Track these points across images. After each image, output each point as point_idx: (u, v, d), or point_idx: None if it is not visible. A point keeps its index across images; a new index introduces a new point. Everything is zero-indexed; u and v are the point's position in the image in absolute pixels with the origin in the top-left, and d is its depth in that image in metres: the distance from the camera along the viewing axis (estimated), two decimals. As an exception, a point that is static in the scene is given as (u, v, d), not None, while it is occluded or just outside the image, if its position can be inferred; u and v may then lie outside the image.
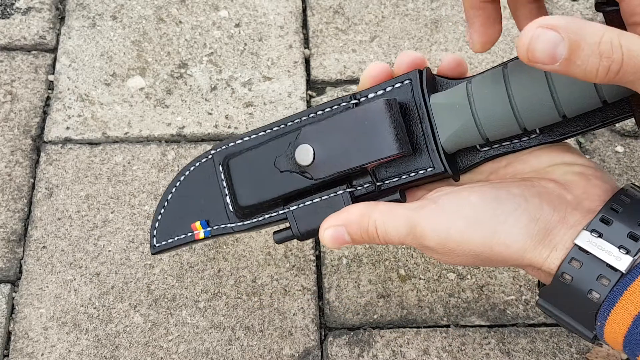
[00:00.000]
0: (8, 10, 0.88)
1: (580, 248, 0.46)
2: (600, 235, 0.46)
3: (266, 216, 0.56)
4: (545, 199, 0.48)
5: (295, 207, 0.54)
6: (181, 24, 0.88)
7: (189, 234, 0.58)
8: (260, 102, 0.82)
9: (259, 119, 0.81)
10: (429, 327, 0.70)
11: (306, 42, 0.88)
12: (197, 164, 0.59)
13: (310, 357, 0.68)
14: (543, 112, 0.48)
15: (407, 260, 0.74)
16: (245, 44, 0.87)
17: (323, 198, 0.53)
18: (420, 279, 0.73)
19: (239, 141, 0.57)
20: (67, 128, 0.80)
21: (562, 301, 0.48)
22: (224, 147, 0.58)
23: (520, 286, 0.72)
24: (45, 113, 0.82)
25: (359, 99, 0.53)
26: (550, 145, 0.52)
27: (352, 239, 0.51)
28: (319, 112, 0.55)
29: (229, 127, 0.81)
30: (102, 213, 0.75)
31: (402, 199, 0.53)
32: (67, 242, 0.74)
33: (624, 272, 0.45)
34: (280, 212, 0.55)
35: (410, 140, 0.52)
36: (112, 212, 0.75)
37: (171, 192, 0.59)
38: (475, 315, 0.71)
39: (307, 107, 0.83)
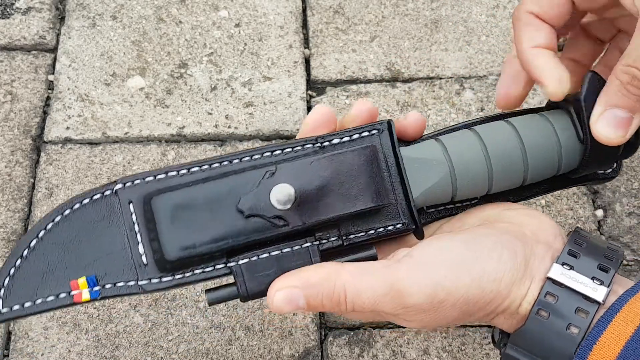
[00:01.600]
0: (8, 10, 0.88)
1: (554, 281, 0.45)
2: (571, 268, 0.45)
3: (199, 271, 0.46)
4: (513, 234, 0.47)
5: (245, 260, 0.45)
6: (181, 24, 0.88)
7: (64, 295, 0.44)
8: (260, 102, 0.82)
9: (259, 119, 0.81)
10: (429, 327, 0.70)
11: (306, 42, 0.88)
12: (86, 200, 0.45)
13: (310, 357, 0.68)
14: (513, 177, 0.49)
15: (407, 260, 0.73)
16: (245, 44, 0.87)
17: (285, 251, 0.45)
18: (420, 279, 0.73)
19: (162, 176, 0.46)
20: (67, 128, 0.80)
21: (537, 343, 0.45)
22: (136, 182, 0.45)
23: (520, 286, 0.72)
24: (45, 113, 0.82)
25: (322, 144, 0.48)
26: (495, 204, 0.52)
27: (307, 304, 0.45)
28: (287, 150, 0.47)
29: (229, 127, 0.81)
30: (102, 213, 0.75)
31: (375, 257, 0.47)
32: (67, 242, 0.74)
33: (601, 302, 0.44)
34: (221, 266, 0.46)
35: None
36: (112, 212, 0.75)
37: (37, 237, 0.45)
38: (475, 315, 0.71)
39: (307, 107, 0.83)
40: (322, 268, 0.45)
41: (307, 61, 0.86)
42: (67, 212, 0.45)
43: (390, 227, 0.47)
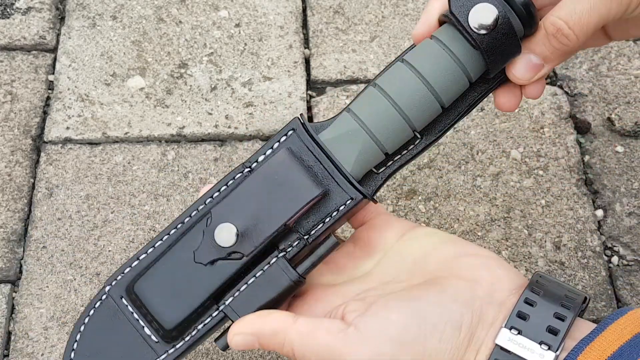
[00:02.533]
0: (8, 10, 0.88)
1: (501, 348, 0.45)
2: (519, 332, 0.45)
3: (201, 326, 0.49)
4: (461, 301, 0.46)
5: (230, 298, 0.48)
6: (181, 24, 0.88)
7: None
8: (260, 102, 0.82)
9: (259, 119, 0.81)
10: (429, 327, 0.70)
11: (306, 42, 0.88)
12: (92, 312, 0.51)
13: (310, 357, 0.68)
14: (429, 108, 0.49)
15: (407, 260, 0.74)
16: (245, 44, 0.87)
17: (258, 275, 0.48)
18: (420, 279, 0.73)
19: (135, 262, 0.50)
20: (67, 128, 0.80)
21: None
22: (118, 278, 0.50)
23: (520, 286, 0.72)
24: (45, 113, 0.82)
25: (250, 166, 0.50)
26: (453, 240, 0.52)
27: (261, 346, 0.47)
28: (216, 194, 0.50)
29: (229, 127, 0.81)
30: (102, 213, 0.75)
31: (337, 244, 0.49)
32: (67, 242, 0.74)
33: None
34: (215, 313, 0.49)
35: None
36: (112, 212, 0.75)
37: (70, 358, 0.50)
38: (475, 315, 0.71)
39: (307, 107, 0.83)
40: (273, 320, 0.47)
41: (307, 61, 0.86)
42: (82, 328, 0.50)
43: (342, 207, 0.49)
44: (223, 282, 0.48)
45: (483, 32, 0.47)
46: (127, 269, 0.50)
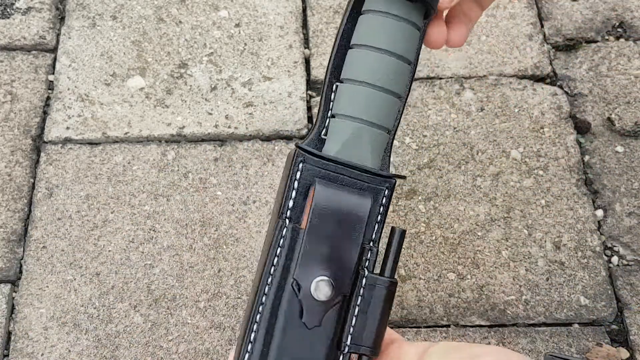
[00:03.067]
0: (8, 10, 0.88)
1: None
2: None
3: None
4: None
5: (349, 337, 0.48)
6: (181, 24, 0.88)
7: None
8: (260, 102, 0.82)
9: (259, 119, 0.81)
10: (429, 327, 0.70)
11: (306, 42, 0.88)
12: None
13: (310, 357, 0.68)
14: (400, 72, 0.49)
15: (407, 260, 0.74)
16: (245, 44, 0.87)
17: (359, 302, 0.48)
18: (420, 279, 0.73)
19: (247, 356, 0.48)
20: (67, 128, 0.80)
21: None
22: None
23: (520, 286, 0.72)
24: (45, 113, 0.82)
25: (288, 216, 0.49)
26: (457, 348, 0.50)
27: None
28: (275, 259, 0.48)
29: (229, 127, 0.81)
30: (102, 213, 0.75)
31: (403, 232, 0.49)
32: (67, 242, 0.74)
33: None
34: (341, 357, 0.48)
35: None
36: (112, 212, 0.75)
37: None
38: (475, 315, 0.71)
39: (307, 107, 0.83)
40: None
41: (307, 61, 0.86)
42: None
43: (384, 200, 0.49)
44: (335, 329, 0.48)
45: None
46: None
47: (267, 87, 0.83)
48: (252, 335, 0.48)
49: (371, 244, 0.49)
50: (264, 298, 0.48)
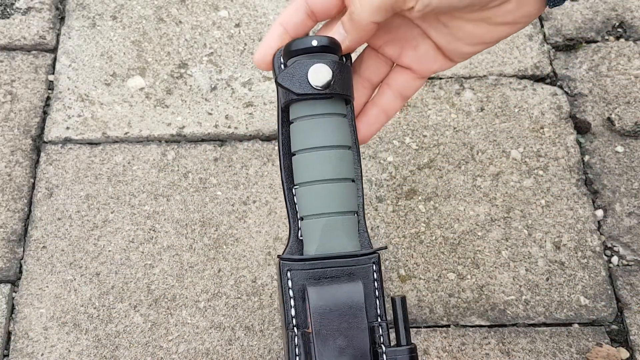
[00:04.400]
0: (8, 10, 0.88)
1: None
2: None
3: None
4: None
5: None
6: (181, 24, 0.88)
7: None
8: (260, 102, 0.82)
9: (259, 119, 0.81)
10: (429, 327, 0.70)
11: (306, 42, 0.88)
12: None
13: (310, 357, 0.68)
14: (345, 159, 0.52)
15: (407, 260, 0.74)
16: (245, 44, 0.87)
17: None
18: (420, 279, 0.73)
19: None
20: (67, 128, 0.80)
21: None
22: None
23: (520, 286, 0.72)
24: (45, 113, 0.82)
25: (294, 325, 0.52)
26: None
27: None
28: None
29: (229, 127, 0.81)
30: (102, 213, 0.75)
31: (404, 298, 0.51)
32: (67, 242, 0.74)
33: None
34: None
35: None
36: (112, 212, 0.75)
37: None
38: (475, 315, 0.71)
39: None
40: None
41: (307, 61, 0.86)
42: None
43: (376, 275, 0.52)
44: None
45: (326, 84, 0.50)
46: None
47: (267, 87, 0.83)
48: None
49: (379, 319, 0.51)
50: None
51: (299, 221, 0.53)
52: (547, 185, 0.78)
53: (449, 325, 0.70)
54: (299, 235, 0.53)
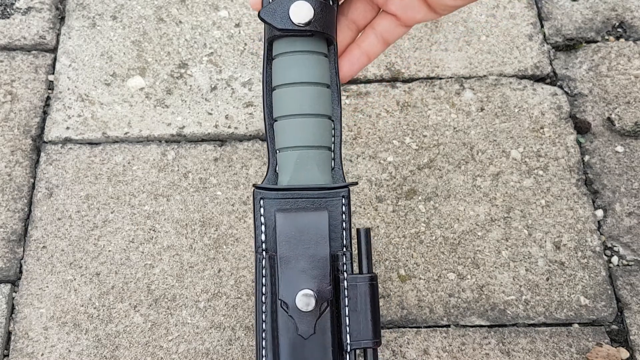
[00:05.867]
0: (8, 10, 0.88)
1: None
2: None
3: None
4: None
5: (348, 337, 0.53)
6: (181, 24, 0.88)
7: None
8: (260, 102, 0.82)
9: (259, 119, 0.81)
10: (429, 327, 0.70)
11: (306, 42, 0.88)
12: None
13: (310, 357, 0.68)
14: (322, 96, 0.55)
15: (407, 260, 0.74)
16: (245, 44, 0.87)
17: (347, 303, 0.53)
18: (420, 279, 0.73)
19: None
20: (67, 128, 0.80)
21: None
22: None
23: (520, 286, 0.72)
24: (45, 113, 0.82)
25: (264, 249, 0.55)
26: None
27: None
28: (263, 279, 0.55)
29: (229, 127, 0.81)
30: (102, 213, 0.75)
31: (368, 230, 0.54)
32: (67, 242, 0.74)
33: None
34: (348, 357, 0.54)
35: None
36: (112, 212, 0.75)
37: None
38: (475, 315, 0.71)
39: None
40: None
41: (307, 61, 0.86)
42: None
43: (344, 208, 0.55)
44: (332, 333, 0.52)
45: (307, 22, 0.52)
46: None
47: (267, 87, 0.83)
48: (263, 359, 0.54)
49: (344, 249, 0.54)
50: (263, 325, 0.54)
51: (276, 155, 0.56)
52: (547, 185, 0.78)
53: (449, 325, 0.70)
54: (277, 168, 0.56)
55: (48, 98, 0.83)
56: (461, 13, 0.89)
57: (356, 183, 0.56)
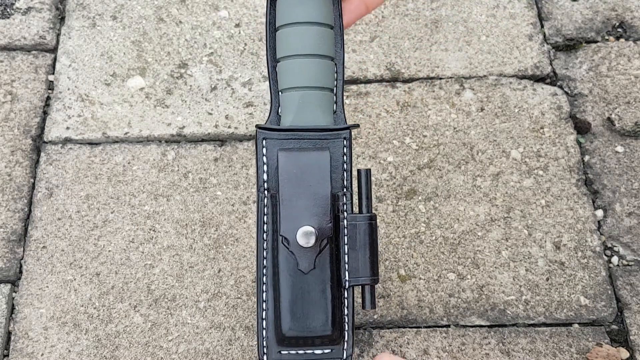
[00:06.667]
0: (8, 10, 0.88)
1: None
2: None
3: (347, 311, 0.56)
4: None
5: (346, 274, 0.54)
6: (181, 24, 0.88)
7: None
8: (260, 102, 0.82)
9: (259, 119, 0.81)
10: (429, 327, 0.70)
11: (306, 42, 0.88)
12: None
13: (310, 357, 0.68)
14: (325, 37, 0.56)
15: (407, 260, 0.74)
16: (245, 44, 0.87)
17: (347, 241, 0.54)
18: (420, 279, 0.73)
19: (264, 323, 0.55)
20: (67, 128, 0.80)
21: None
22: (264, 344, 0.56)
23: (520, 286, 0.72)
24: (45, 113, 0.82)
25: (266, 188, 0.56)
26: None
27: None
28: (265, 217, 0.56)
29: (229, 127, 0.81)
30: (102, 213, 0.75)
31: (368, 170, 0.55)
32: (67, 242, 0.74)
33: None
34: (346, 294, 0.55)
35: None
36: (112, 212, 0.75)
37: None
38: (475, 315, 0.71)
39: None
40: None
41: (307, 61, 0.86)
42: None
43: (345, 149, 0.56)
44: (331, 269, 0.54)
45: None
46: (263, 332, 0.55)
47: (267, 87, 0.83)
48: (264, 295, 0.55)
49: (344, 190, 0.55)
50: (264, 261, 0.55)
51: (279, 94, 0.56)
52: (547, 185, 0.78)
53: (449, 325, 0.71)
54: (279, 111, 0.57)
55: (48, 98, 0.83)
56: (461, 13, 0.89)
57: (357, 125, 0.57)
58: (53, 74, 0.84)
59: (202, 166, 0.78)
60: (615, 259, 0.75)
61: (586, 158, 0.80)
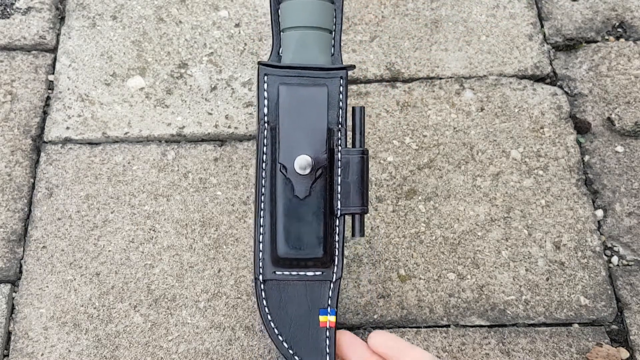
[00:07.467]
0: (8, 10, 0.88)
1: None
2: None
3: (338, 237, 0.60)
4: None
5: (339, 203, 0.58)
6: (181, 24, 0.88)
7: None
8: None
9: (259, 119, 0.81)
10: (429, 327, 0.70)
11: (306, 42, 0.88)
12: (263, 297, 0.61)
13: (310, 357, 0.68)
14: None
15: (407, 260, 0.74)
16: (246, 44, 0.87)
17: (340, 173, 0.58)
18: (420, 279, 0.73)
19: (260, 245, 0.59)
20: (67, 128, 0.80)
21: None
22: (260, 265, 0.60)
23: (520, 286, 0.72)
24: (45, 113, 0.82)
25: (266, 120, 0.59)
26: None
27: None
28: (264, 148, 0.59)
29: (229, 127, 0.81)
30: (102, 213, 0.75)
31: (362, 108, 0.59)
32: (67, 242, 0.74)
33: None
34: (338, 222, 0.59)
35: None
36: (112, 212, 0.75)
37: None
38: (475, 315, 0.71)
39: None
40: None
41: (307, 61, 0.86)
42: (267, 310, 0.60)
43: (341, 88, 0.59)
44: (325, 198, 0.58)
45: None
46: (260, 254, 0.59)
47: (267, 87, 0.83)
48: (261, 220, 0.58)
49: (339, 126, 0.59)
50: (262, 189, 0.59)
51: (280, 35, 0.60)
52: (547, 185, 0.78)
53: (449, 325, 0.71)
54: (280, 51, 0.60)
55: (48, 98, 0.83)
56: (461, 13, 0.89)
57: (353, 67, 0.60)
58: (53, 73, 0.84)
59: (202, 166, 0.78)
60: (615, 259, 0.75)
61: (586, 158, 0.80)
